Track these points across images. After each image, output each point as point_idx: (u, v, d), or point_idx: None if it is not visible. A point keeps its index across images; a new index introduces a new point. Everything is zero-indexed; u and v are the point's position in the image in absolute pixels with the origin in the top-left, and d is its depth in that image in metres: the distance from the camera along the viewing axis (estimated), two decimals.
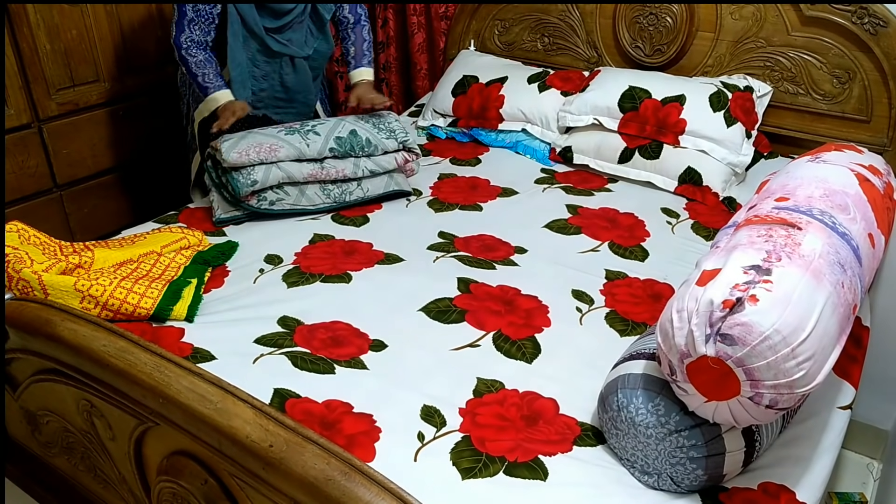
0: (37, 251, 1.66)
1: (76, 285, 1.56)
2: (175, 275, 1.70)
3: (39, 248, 1.69)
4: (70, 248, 1.73)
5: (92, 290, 1.56)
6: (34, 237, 1.71)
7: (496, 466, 1.23)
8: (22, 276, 1.55)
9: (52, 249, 1.71)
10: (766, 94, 2.32)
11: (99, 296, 1.56)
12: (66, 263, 1.63)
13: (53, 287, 1.55)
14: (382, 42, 3.06)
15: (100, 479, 1.53)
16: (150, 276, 1.69)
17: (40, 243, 1.71)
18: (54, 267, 1.60)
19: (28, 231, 1.71)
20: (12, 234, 1.67)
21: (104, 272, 1.65)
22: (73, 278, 1.57)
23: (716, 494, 1.20)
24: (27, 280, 1.55)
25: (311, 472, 1.03)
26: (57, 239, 1.75)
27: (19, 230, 1.69)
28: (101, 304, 1.56)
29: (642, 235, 2.00)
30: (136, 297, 1.58)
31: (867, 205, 1.38)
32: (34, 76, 2.27)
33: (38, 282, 1.55)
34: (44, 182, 2.36)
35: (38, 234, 1.73)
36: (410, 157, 2.21)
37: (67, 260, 1.64)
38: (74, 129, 2.42)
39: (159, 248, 1.79)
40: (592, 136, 2.37)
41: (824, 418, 1.42)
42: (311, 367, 1.45)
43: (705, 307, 1.07)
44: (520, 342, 1.54)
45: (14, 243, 1.65)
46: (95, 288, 1.56)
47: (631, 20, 2.52)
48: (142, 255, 1.76)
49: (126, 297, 1.57)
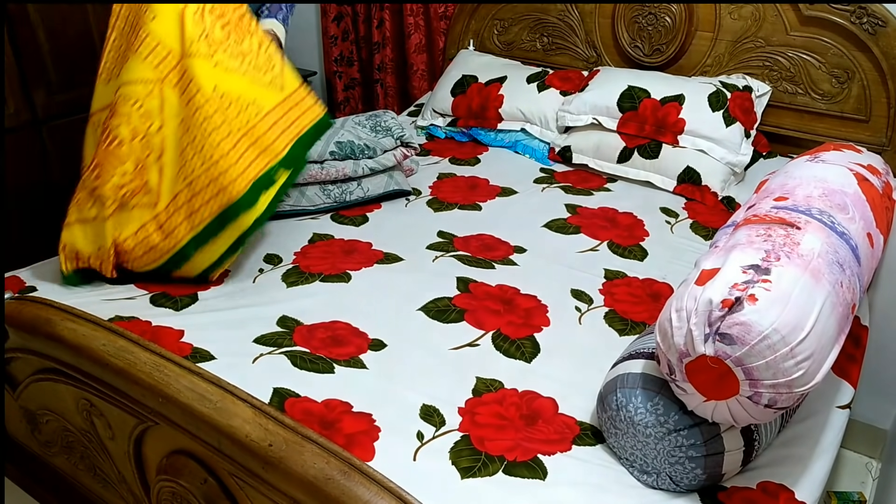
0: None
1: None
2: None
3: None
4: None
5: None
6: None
7: (495, 466, 1.23)
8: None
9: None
10: (765, 94, 2.33)
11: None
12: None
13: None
14: (378, 43, 3.06)
15: (99, 479, 1.53)
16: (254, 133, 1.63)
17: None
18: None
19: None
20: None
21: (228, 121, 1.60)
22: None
23: (715, 494, 1.20)
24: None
25: (311, 471, 1.03)
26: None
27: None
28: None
29: (641, 235, 2.00)
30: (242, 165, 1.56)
31: (866, 204, 1.38)
32: (34, 76, 2.27)
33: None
34: (43, 182, 2.36)
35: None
36: (409, 151, 2.21)
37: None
38: (74, 129, 2.42)
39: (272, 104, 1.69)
40: (591, 136, 2.37)
41: (823, 418, 1.42)
42: (310, 367, 1.45)
43: (704, 306, 1.07)
44: (519, 341, 1.54)
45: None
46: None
47: (630, 20, 2.52)
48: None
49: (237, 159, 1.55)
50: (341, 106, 3.28)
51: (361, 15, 3.09)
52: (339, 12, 3.12)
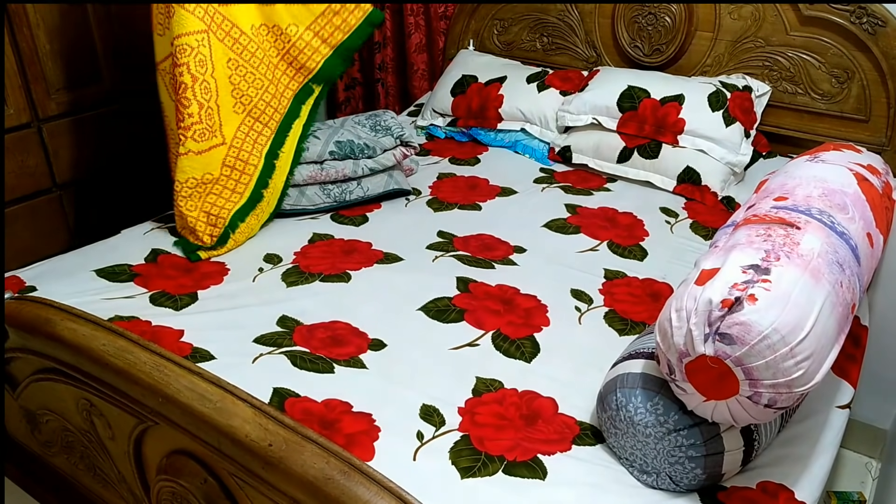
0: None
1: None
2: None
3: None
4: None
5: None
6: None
7: (495, 465, 1.23)
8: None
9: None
10: (765, 94, 2.33)
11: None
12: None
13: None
14: (379, 42, 3.06)
15: (99, 479, 1.53)
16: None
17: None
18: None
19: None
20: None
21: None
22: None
23: (714, 493, 1.20)
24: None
25: (311, 471, 1.03)
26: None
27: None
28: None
29: (641, 235, 2.00)
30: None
31: (865, 204, 1.38)
32: (34, 76, 2.27)
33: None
34: (43, 182, 2.36)
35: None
36: (408, 151, 2.21)
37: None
38: (74, 129, 2.42)
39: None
40: (591, 136, 2.37)
41: (823, 417, 1.42)
42: (310, 367, 1.45)
43: (704, 306, 1.07)
44: (519, 341, 1.54)
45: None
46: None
47: (630, 20, 2.52)
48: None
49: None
50: (342, 106, 3.28)
51: None
52: None
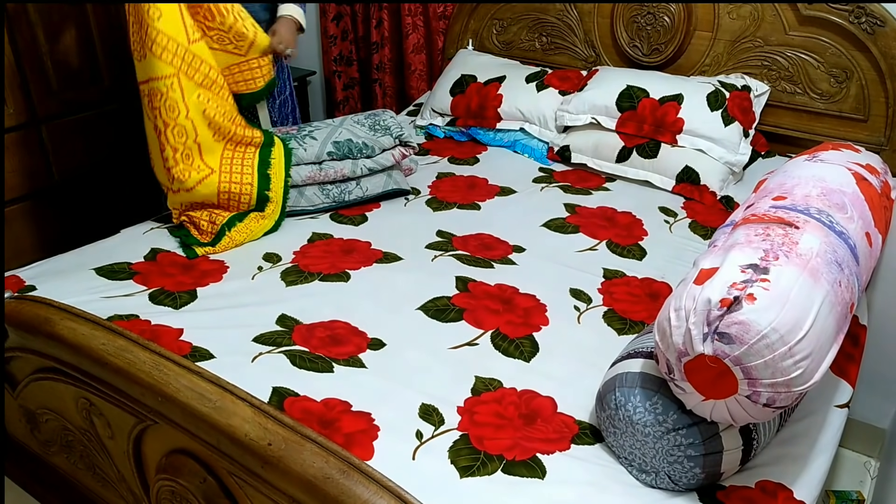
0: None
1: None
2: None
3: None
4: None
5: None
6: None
7: (494, 465, 1.23)
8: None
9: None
10: (764, 94, 2.33)
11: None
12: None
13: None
14: (377, 42, 3.06)
15: (99, 478, 1.54)
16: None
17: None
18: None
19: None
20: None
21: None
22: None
23: (713, 493, 1.20)
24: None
25: (310, 470, 1.03)
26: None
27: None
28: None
29: (640, 234, 2.00)
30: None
31: (864, 204, 1.39)
32: (33, 75, 2.27)
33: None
34: (43, 181, 2.37)
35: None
36: (407, 151, 2.21)
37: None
38: (74, 129, 2.42)
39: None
40: (590, 136, 2.37)
41: (822, 417, 1.42)
42: (309, 366, 1.45)
43: (703, 306, 1.07)
44: (518, 341, 1.55)
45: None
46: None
47: (629, 20, 2.52)
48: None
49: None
50: (340, 105, 3.28)
51: (360, 15, 3.10)
52: (338, 12, 3.12)
